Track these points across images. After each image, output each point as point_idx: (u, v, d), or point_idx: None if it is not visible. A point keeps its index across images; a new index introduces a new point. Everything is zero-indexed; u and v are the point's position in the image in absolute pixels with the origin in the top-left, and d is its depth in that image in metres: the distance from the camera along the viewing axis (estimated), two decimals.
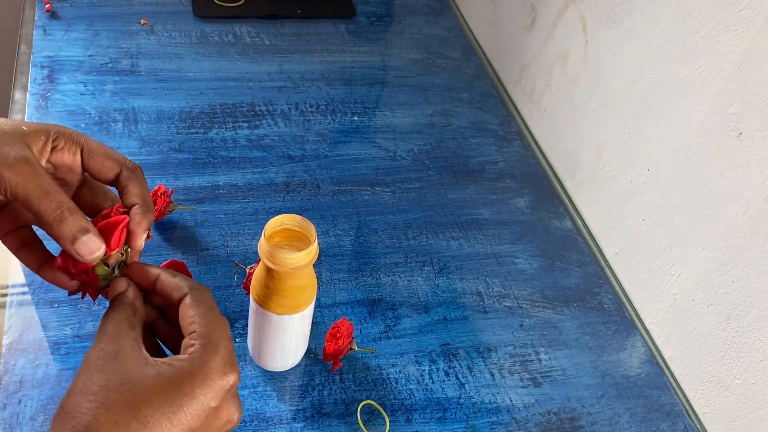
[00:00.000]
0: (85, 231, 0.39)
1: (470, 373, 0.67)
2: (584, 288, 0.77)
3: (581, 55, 0.85)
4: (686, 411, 0.68)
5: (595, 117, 0.83)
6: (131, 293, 0.42)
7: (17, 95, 0.84)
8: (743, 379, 0.63)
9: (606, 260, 0.82)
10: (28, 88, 0.86)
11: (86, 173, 0.44)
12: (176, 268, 0.66)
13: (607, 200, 0.82)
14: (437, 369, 0.66)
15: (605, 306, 0.76)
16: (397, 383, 0.65)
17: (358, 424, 0.61)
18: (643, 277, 0.76)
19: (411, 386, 0.65)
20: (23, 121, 0.40)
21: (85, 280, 0.42)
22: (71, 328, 0.63)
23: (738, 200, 0.63)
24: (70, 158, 0.42)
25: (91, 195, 0.45)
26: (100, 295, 0.44)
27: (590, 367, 0.69)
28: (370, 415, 0.62)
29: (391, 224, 0.79)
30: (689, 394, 0.70)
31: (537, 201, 0.86)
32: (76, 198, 0.45)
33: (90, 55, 0.92)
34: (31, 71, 0.88)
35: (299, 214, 0.54)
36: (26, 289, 0.65)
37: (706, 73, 0.65)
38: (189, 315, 0.40)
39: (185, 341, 0.39)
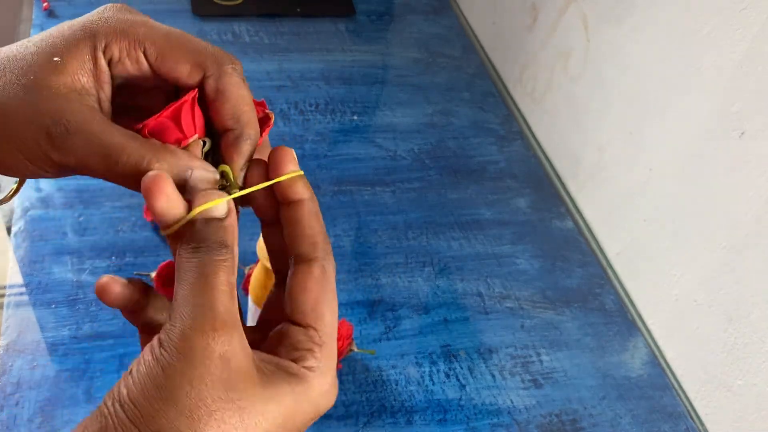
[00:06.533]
0: (193, 163, 0.30)
1: (471, 374, 0.66)
2: (586, 289, 0.77)
3: (583, 55, 0.85)
4: (688, 412, 0.68)
5: (596, 116, 0.83)
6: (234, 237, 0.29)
7: None
8: (745, 380, 0.63)
9: (608, 260, 0.82)
10: None
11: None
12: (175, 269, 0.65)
13: (608, 200, 0.82)
14: (438, 370, 0.66)
15: (607, 307, 0.75)
16: (397, 385, 0.64)
17: (357, 426, 0.60)
18: (645, 278, 0.76)
19: (411, 388, 0.64)
20: (52, 35, 0.29)
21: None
22: (69, 329, 0.63)
23: (740, 200, 0.62)
24: (135, 68, 0.30)
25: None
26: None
27: (591, 369, 0.69)
28: (370, 416, 0.61)
29: (392, 224, 0.79)
30: (691, 396, 0.70)
31: (538, 201, 0.86)
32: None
33: None
34: None
35: None
36: (23, 289, 0.65)
37: (708, 73, 0.65)
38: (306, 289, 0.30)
39: (295, 332, 0.29)
